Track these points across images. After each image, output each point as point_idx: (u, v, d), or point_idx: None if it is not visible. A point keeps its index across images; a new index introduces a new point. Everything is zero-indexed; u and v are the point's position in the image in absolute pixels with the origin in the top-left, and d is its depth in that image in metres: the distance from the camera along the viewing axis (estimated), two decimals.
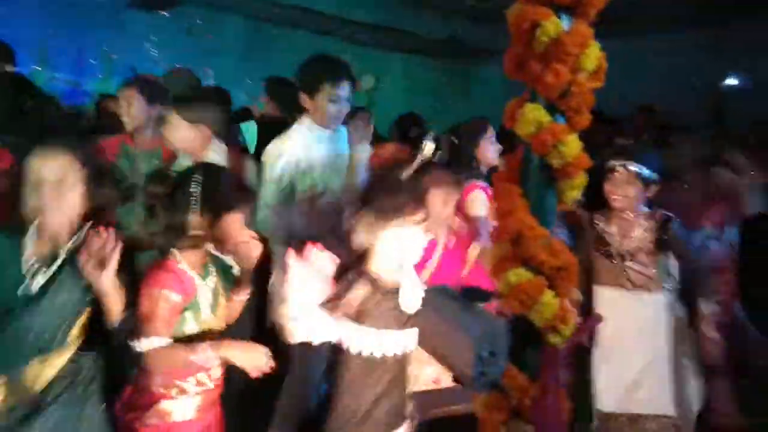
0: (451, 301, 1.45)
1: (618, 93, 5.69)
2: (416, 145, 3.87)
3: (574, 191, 1.40)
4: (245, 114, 6.06)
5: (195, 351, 1.61)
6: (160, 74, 6.98)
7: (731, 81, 4.95)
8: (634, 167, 2.21)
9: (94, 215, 1.64)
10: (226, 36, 7.23)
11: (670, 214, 2.32)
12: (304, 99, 2.47)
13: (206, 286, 1.76)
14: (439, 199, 2.27)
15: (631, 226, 2.29)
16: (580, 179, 1.39)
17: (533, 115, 1.33)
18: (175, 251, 1.70)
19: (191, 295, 1.71)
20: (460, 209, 2.52)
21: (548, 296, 1.35)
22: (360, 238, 1.65)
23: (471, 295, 1.43)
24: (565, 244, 1.47)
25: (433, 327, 1.42)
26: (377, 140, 4.06)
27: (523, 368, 1.39)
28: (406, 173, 2.62)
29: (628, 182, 2.22)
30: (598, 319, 1.44)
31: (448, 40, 6.44)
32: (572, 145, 1.33)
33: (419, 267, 2.15)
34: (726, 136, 4.69)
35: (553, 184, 1.39)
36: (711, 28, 5.26)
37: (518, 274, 1.35)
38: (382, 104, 7.46)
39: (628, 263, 2.25)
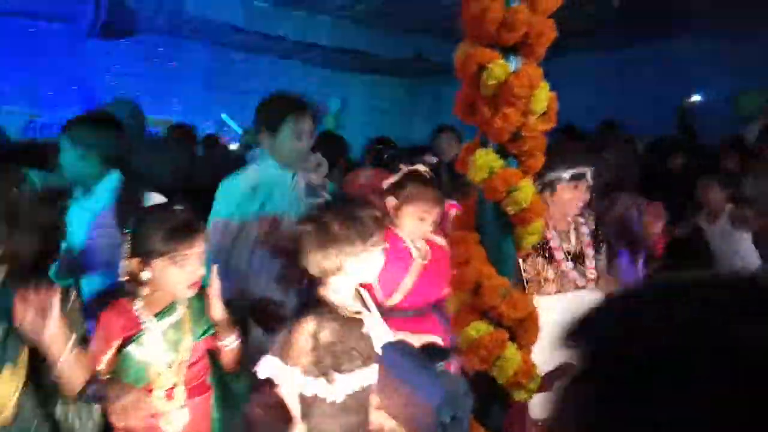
0: (409, 359, 1.37)
1: (588, 108, 5.77)
2: (390, 168, 3.83)
3: (532, 237, 1.34)
4: (211, 141, 5.90)
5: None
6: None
7: (696, 97, 5.03)
8: (591, 173, 2.27)
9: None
10: (189, 63, 7.11)
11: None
12: (265, 136, 2.38)
13: (159, 326, 1.72)
14: (414, 216, 2.18)
15: (571, 229, 2.31)
16: (538, 225, 1.33)
17: (484, 161, 1.27)
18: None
19: (132, 332, 1.70)
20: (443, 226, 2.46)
21: (511, 350, 1.28)
22: (322, 267, 1.60)
23: (429, 352, 1.35)
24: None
25: (390, 389, 1.34)
26: (348, 164, 4.02)
27: (488, 427, 1.32)
28: (386, 185, 2.57)
29: (588, 188, 2.26)
30: (569, 368, 1.38)
31: (413, 59, 6.43)
32: (526, 191, 1.27)
33: (392, 286, 2.10)
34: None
35: (510, 231, 1.33)
36: (672, 43, 5.36)
37: (478, 328, 1.28)
38: (349, 126, 7.42)
39: (571, 264, 2.25)
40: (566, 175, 2.24)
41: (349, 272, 1.62)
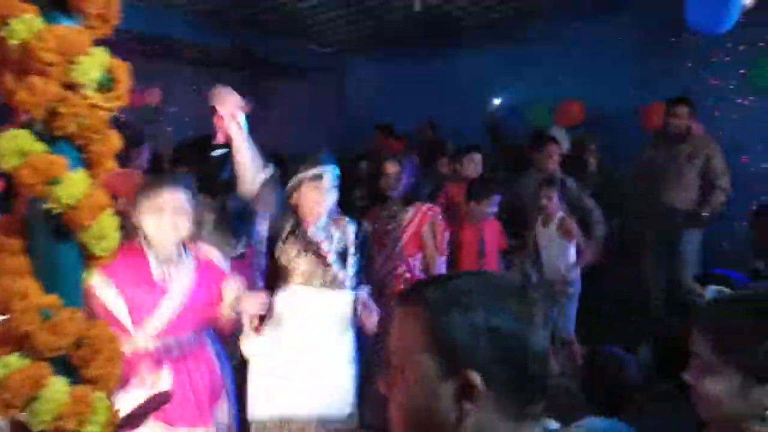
0: None
1: (408, 110, 5.79)
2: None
3: (104, 243, 1.07)
4: None
5: None
6: None
7: (499, 100, 5.22)
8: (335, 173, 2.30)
9: None
10: None
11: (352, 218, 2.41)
12: None
13: None
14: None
15: (329, 229, 2.32)
16: (105, 227, 1.06)
17: (13, 144, 0.98)
18: None
19: None
20: None
21: (54, 388, 1.00)
22: None
23: None
24: None
25: None
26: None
27: None
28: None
29: (332, 188, 2.27)
30: (166, 397, 1.16)
31: (235, 52, 6.04)
32: (74, 185, 1.00)
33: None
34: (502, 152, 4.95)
35: (69, 236, 1.05)
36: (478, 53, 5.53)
37: (6, 364, 0.99)
38: (173, 120, 6.83)
39: (327, 262, 2.25)
40: (308, 174, 2.25)
41: None
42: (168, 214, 1.76)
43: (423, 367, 0.74)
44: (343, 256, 2.28)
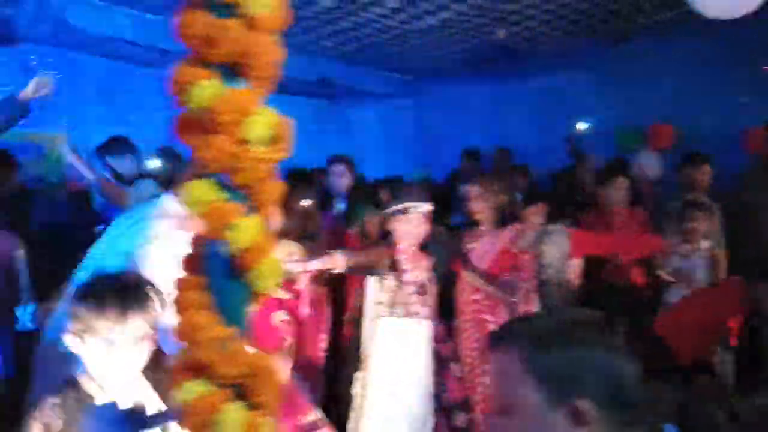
0: None
1: (488, 131, 5.76)
2: None
3: (268, 281, 1.18)
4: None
5: None
6: None
7: (581, 126, 5.13)
8: (427, 207, 2.49)
9: None
10: (82, 76, 6.66)
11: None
12: None
13: None
14: None
15: (417, 260, 2.53)
16: (270, 267, 1.17)
17: (198, 192, 1.11)
18: None
19: None
20: None
21: (232, 412, 1.11)
22: None
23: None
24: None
25: None
26: None
27: None
28: None
29: (422, 222, 2.48)
30: None
31: (318, 81, 6.30)
32: (247, 229, 1.11)
33: None
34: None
35: (239, 274, 1.17)
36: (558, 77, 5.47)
37: (191, 390, 1.10)
38: None
39: (414, 293, 2.47)
40: (396, 207, 2.49)
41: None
42: None
43: (530, 403, 0.81)
44: (424, 287, 2.50)
